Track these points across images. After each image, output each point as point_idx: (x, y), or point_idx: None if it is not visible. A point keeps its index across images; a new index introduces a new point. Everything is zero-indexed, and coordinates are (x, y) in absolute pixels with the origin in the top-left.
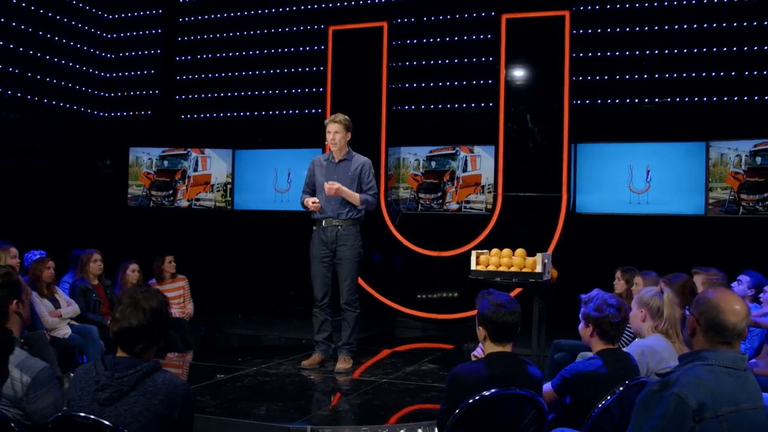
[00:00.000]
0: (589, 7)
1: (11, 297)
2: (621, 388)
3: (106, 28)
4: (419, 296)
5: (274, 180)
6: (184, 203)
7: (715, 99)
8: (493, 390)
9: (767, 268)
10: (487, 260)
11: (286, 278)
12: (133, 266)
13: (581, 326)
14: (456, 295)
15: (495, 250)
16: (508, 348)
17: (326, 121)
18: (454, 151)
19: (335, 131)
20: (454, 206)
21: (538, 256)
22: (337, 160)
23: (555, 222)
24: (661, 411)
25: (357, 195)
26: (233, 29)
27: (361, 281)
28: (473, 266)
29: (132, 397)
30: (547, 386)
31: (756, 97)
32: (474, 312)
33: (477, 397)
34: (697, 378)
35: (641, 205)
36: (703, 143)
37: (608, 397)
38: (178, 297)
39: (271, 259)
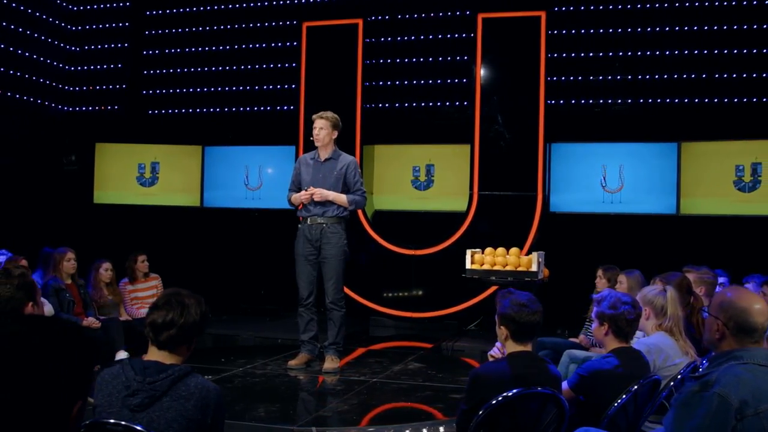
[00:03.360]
0: (564, 9)
1: (27, 299)
2: (635, 387)
3: (71, 20)
4: (394, 294)
5: (245, 177)
6: None
7: (686, 101)
8: (518, 389)
9: (740, 266)
10: (481, 259)
11: (257, 277)
12: (106, 265)
13: (594, 326)
14: (431, 293)
15: (489, 249)
16: (528, 347)
17: (313, 117)
18: None
19: (320, 127)
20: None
21: (534, 255)
22: (322, 159)
23: (530, 221)
24: (704, 411)
25: (344, 197)
26: (203, 23)
27: None
28: (468, 265)
29: (165, 402)
30: (563, 385)
31: (726, 99)
32: (449, 310)
33: (500, 398)
34: (737, 377)
35: (615, 205)
36: (675, 144)
37: (624, 396)
38: (152, 296)
39: (242, 258)
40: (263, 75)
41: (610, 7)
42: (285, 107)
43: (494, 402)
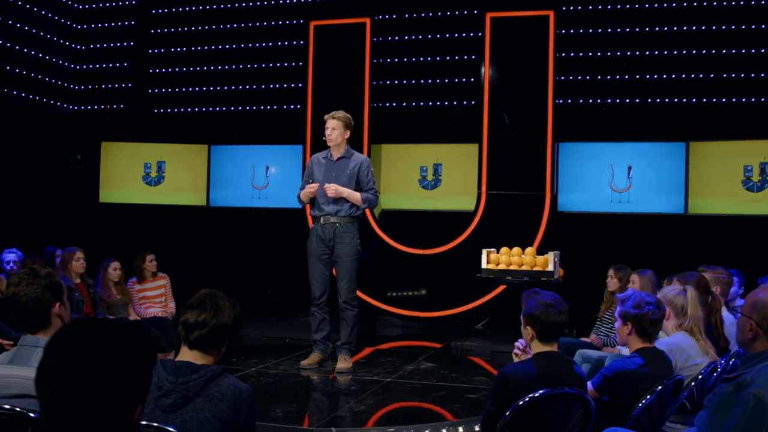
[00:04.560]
0: (572, 8)
1: (54, 300)
2: (660, 387)
3: (77, 19)
4: (401, 294)
5: (252, 176)
6: None
7: (695, 100)
8: (545, 390)
9: (748, 265)
10: (497, 259)
11: (263, 276)
12: (115, 264)
13: (618, 325)
14: (439, 293)
15: (504, 249)
16: (554, 347)
17: (325, 117)
18: None
19: (332, 127)
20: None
21: (549, 255)
22: (335, 158)
23: (539, 220)
24: (739, 411)
25: (358, 195)
26: (209, 22)
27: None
28: (484, 265)
29: (198, 403)
30: (587, 386)
31: (734, 99)
32: (457, 310)
33: (527, 399)
34: None
35: (623, 204)
36: (683, 143)
37: (648, 396)
38: (160, 296)
39: (248, 257)
40: (270, 74)
41: (618, 6)
42: (292, 106)
43: (521, 403)
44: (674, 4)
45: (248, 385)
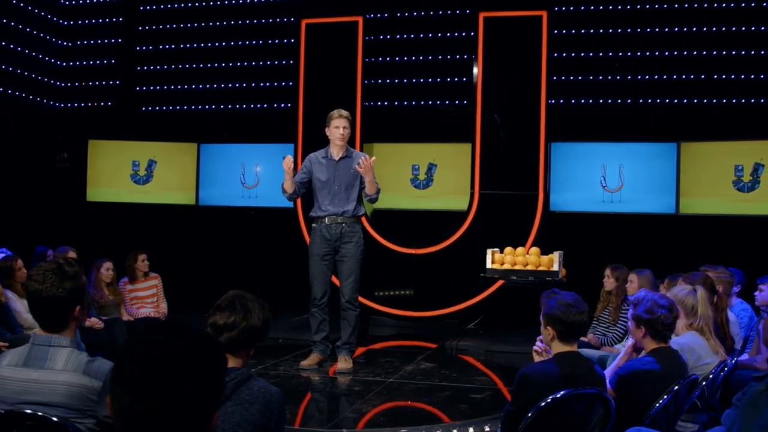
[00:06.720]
0: (565, 8)
1: (77, 302)
2: (676, 387)
3: (63, 15)
4: (394, 294)
5: (242, 175)
6: None
7: (686, 101)
8: (567, 390)
9: (739, 265)
10: (501, 259)
11: (253, 276)
12: (107, 264)
13: (631, 327)
14: (431, 292)
15: (509, 249)
16: (574, 347)
17: (334, 116)
18: None
19: (344, 126)
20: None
21: (555, 255)
22: (337, 158)
23: (532, 220)
24: None
25: (376, 185)
26: (199, 19)
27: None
28: (488, 264)
29: (228, 407)
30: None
31: (725, 100)
32: (449, 309)
33: (549, 399)
34: None
35: (614, 204)
36: (674, 144)
37: (665, 396)
38: (152, 296)
39: (238, 257)
40: (261, 72)
41: (611, 7)
42: (282, 105)
43: (543, 404)
44: (666, 6)
45: (277, 388)
